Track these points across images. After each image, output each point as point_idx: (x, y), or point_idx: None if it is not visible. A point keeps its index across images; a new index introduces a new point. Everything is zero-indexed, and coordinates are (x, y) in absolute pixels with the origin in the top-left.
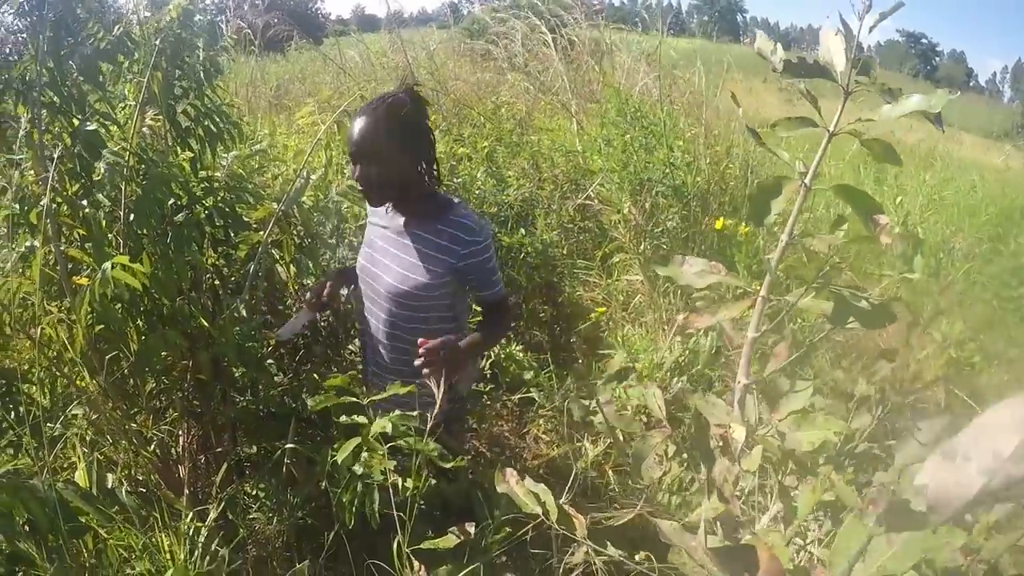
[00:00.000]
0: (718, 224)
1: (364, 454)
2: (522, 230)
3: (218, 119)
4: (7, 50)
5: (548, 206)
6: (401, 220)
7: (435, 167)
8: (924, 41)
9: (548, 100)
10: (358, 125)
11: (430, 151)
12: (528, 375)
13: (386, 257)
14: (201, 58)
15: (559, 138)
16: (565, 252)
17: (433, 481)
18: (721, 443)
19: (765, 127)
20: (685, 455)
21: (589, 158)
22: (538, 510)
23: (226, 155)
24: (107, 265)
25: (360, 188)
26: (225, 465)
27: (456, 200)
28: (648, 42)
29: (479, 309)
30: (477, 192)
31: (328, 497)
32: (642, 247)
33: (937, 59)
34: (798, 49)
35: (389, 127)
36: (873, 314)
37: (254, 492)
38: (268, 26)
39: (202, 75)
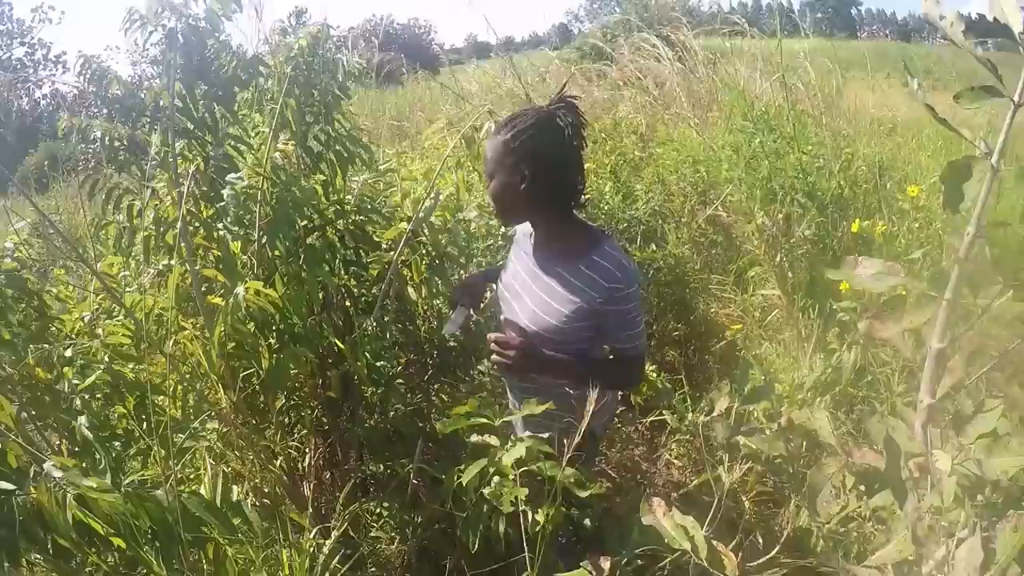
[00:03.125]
0: (854, 227)
1: (495, 479)
2: (652, 245)
3: (348, 143)
4: (142, 95)
5: (678, 219)
6: (542, 250)
7: (575, 192)
8: None
9: (667, 112)
10: (488, 141)
11: (555, 176)
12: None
13: (524, 289)
14: (330, 85)
15: (684, 149)
16: (698, 267)
17: (565, 510)
18: (915, 473)
19: (892, 124)
20: (863, 487)
21: (716, 168)
22: (687, 545)
23: (356, 178)
24: (240, 289)
25: (491, 204)
26: (351, 483)
27: (606, 235)
28: (761, 45)
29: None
30: (606, 208)
31: (452, 520)
32: (778, 258)
33: None
34: (918, 40)
35: (511, 144)
36: None
37: (378, 511)
38: (384, 62)
39: (331, 101)
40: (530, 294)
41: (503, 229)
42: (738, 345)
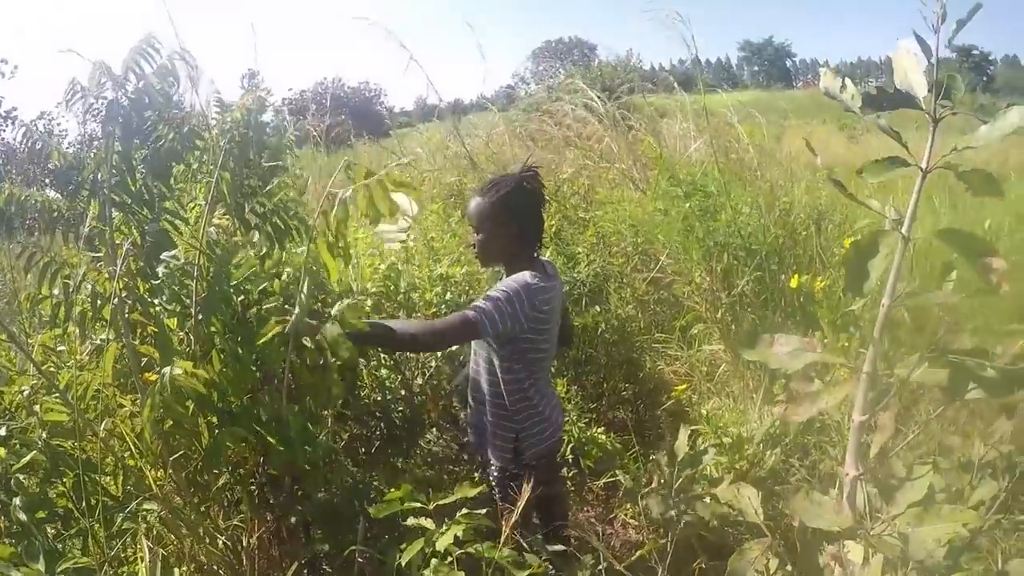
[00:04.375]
0: (793, 282)
1: (432, 560)
2: (596, 307)
3: (285, 216)
4: (81, 168)
5: (620, 280)
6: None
7: (536, 242)
8: (976, 52)
9: (607, 172)
10: (472, 200)
11: (529, 228)
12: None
13: None
14: (265, 158)
15: (623, 210)
16: (643, 326)
17: None
18: (833, 561)
19: (832, 171)
20: (790, 567)
21: (652, 231)
22: None
23: (297, 250)
24: (167, 370)
25: (473, 253)
26: (295, 563)
27: (544, 263)
28: (700, 102)
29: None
30: None
31: None
32: (720, 314)
33: (991, 68)
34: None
35: (491, 205)
36: (1000, 382)
37: None
38: (332, 125)
39: (266, 173)
40: None
41: (446, 296)
42: (686, 401)
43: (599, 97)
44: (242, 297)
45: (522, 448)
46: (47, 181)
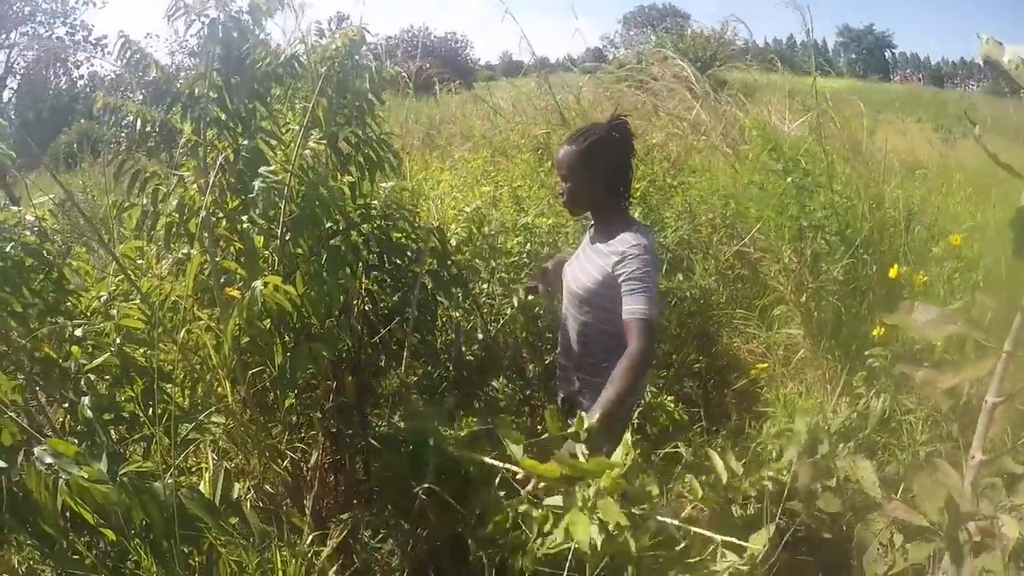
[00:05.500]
0: (892, 272)
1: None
2: (679, 275)
3: (379, 148)
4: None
5: (706, 251)
6: (596, 234)
7: (625, 192)
8: None
9: (697, 142)
10: (562, 148)
11: (618, 177)
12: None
13: (572, 263)
14: (364, 88)
15: (714, 181)
16: (723, 300)
17: None
18: (975, 537)
19: (923, 169)
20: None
21: (744, 204)
22: None
23: (384, 184)
24: (257, 284)
25: (560, 197)
26: (355, 490)
27: (642, 226)
28: (795, 82)
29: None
30: None
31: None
32: (804, 297)
33: None
34: (951, 86)
35: (580, 153)
36: None
37: (379, 521)
38: (422, 70)
39: (365, 105)
40: (580, 266)
41: (527, 247)
42: (759, 383)
43: (691, 68)
44: (330, 224)
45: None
46: (142, 96)
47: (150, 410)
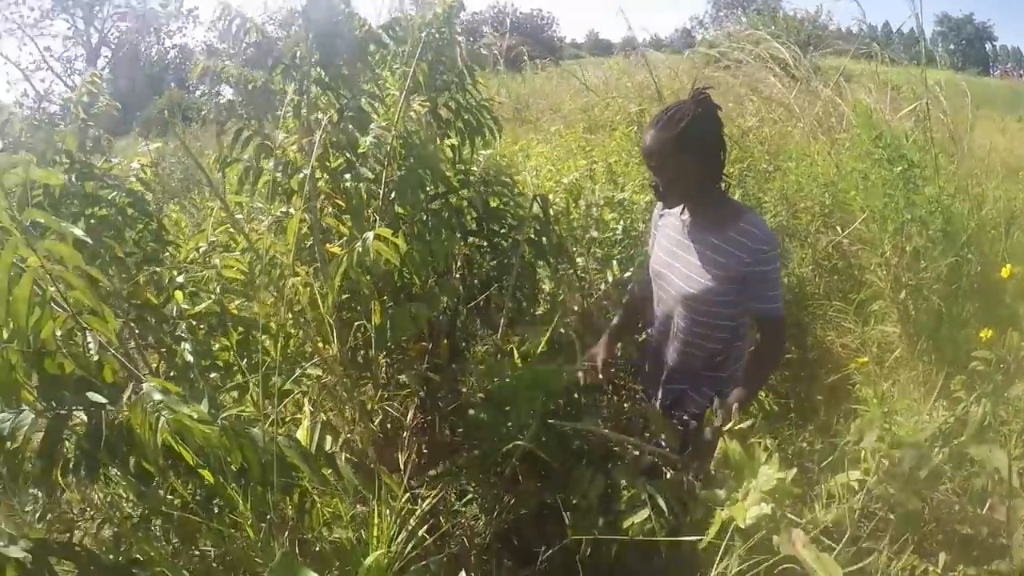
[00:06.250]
0: (1005, 271)
1: None
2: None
3: (479, 114)
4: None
5: (804, 239)
6: (691, 223)
7: (721, 173)
8: None
9: (792, 128)
10: (648, 133)
11: (714, 158)
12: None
13: (676, 260)
14: (463, 55)
15: (813, 168)
16: (820, 291)
17: None
18: None
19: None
20: None
21: (846, 192)
22: None
23: (483, 152)
24: (369, 234)
25: (653, 190)
26: (443, 450)
27: (748, 209)
28: (890, 72)
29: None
30: None
31: (547, 508)
32: (903, 295)
33: None
34: None
35: (674, 139)
36: None
37: (466, 484)
38: (512, 46)
39: (464, 71)
40: (682, 262)
41: (620, 223)
42: (852, 379)
43: (789, 50)
44: (431, 187)
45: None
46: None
47: (244, 360)
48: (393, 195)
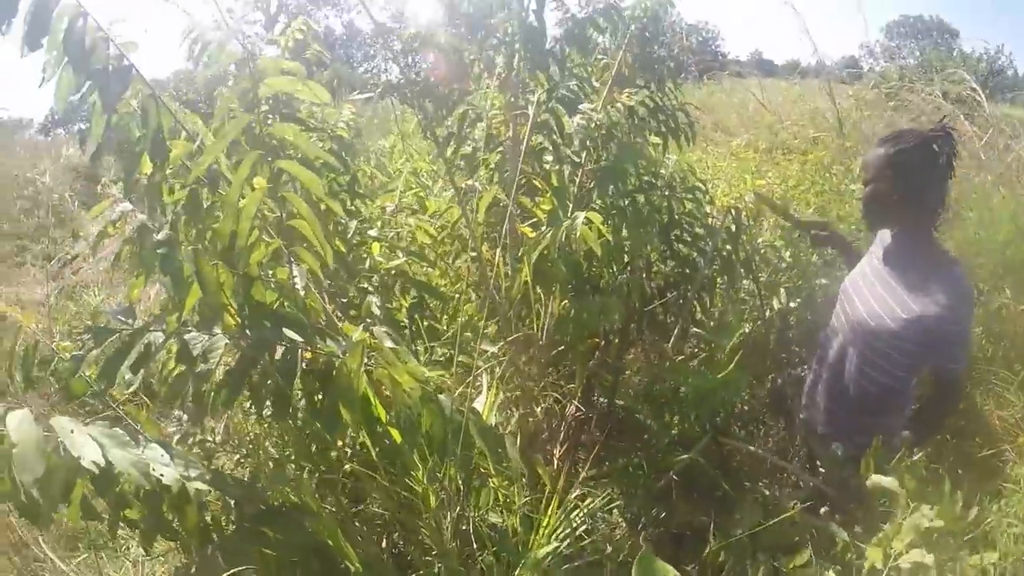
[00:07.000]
0: None
1: None
2: None
3: (678, 116)
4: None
5: (977, 296)
6: (895, 256)
7: (937, 213)
8: None
9: (977, 175)
10: (872, 150)
11: (928, 195)
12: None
13: (867, 286)
14: (664, 55)
15: (995, 223)
16: (989, 355)
17: None
18: None
19: None
20: None
21: None
22: None
23: (670, 156)
24: (580, 215)
25: (861, 206)
26: (595, 451)
27: (956, 260)
28: None
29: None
30: None
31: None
32: None
33: None
34: None
35: (888, 157)
36: None
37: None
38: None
39: (665, 71)
40: (872, 292)
41: (787, 251)
42: (1005, 455)
43: (981, 91)
44: (633, 180)
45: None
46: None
47: (413, 324)
48: (592, 184)
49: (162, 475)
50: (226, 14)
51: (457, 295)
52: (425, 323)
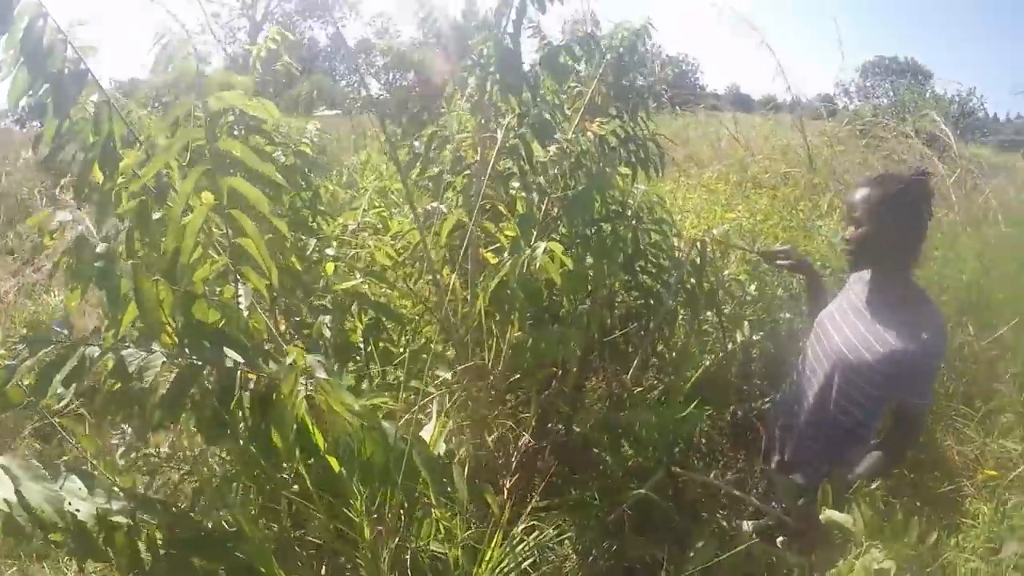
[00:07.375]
0: None
1: None
2: None
3: (647, 147)
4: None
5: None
6: (873, 293)
7: (917, 253)
8: None
9: (945, 215)
10: (858, 188)
11: (915, 235)
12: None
13: (844, 321)
14: (642, 85)
15: (960, 262)
16: (950, 391)
17: None
18: None
19: None
20: None
21: (990, 292)
22: None
23: (637, 186)
24: (541, 245)
25: (844, 247)
26: (543, 483)
27: (930, 299)
28: None
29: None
30: None
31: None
32: None
33: None
34: None
35: (884, 192)
36: None
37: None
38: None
39: (639, 101)
40: (851, 327)
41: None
42: (963, 491)
43: (951, 132)
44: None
45: (829, 473)
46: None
47: (368, 346)
48: (558, 211)
49: (77, 510)
50: (211, 19)
51: (417, 317)
52: (381, 345)
